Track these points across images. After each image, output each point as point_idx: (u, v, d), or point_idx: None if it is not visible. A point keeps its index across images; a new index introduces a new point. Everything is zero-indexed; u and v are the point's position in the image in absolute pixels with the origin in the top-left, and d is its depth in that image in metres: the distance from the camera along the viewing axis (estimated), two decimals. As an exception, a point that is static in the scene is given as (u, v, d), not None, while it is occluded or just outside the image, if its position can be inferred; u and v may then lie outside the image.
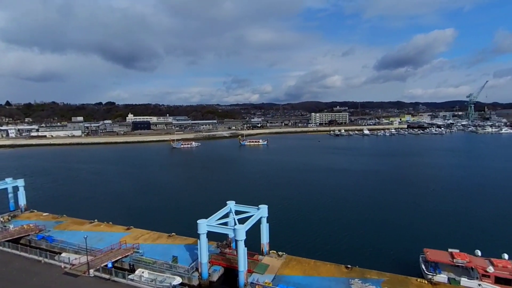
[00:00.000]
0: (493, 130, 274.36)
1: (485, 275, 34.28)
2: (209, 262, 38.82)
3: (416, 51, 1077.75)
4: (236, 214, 42.42)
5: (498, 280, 33.76)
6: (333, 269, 38.57)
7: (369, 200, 72.20)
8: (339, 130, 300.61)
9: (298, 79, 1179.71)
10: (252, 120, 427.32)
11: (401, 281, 35.48)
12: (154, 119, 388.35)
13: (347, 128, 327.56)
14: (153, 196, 79.55)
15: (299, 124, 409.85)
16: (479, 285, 34.17)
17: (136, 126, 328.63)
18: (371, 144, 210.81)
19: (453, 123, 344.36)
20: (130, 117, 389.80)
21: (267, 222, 43.10)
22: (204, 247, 37.12)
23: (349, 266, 38.53)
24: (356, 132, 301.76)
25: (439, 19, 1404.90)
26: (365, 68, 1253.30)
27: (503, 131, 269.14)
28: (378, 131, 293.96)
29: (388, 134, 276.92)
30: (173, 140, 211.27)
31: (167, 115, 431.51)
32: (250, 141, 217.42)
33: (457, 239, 46.49)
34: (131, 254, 42.66)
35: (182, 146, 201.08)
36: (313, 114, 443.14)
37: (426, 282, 35.32)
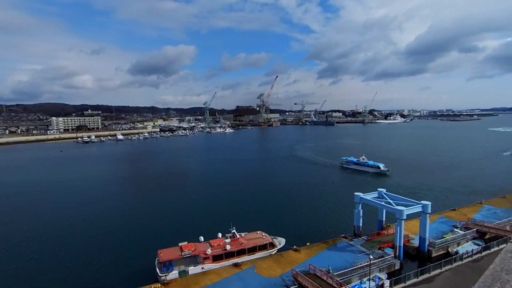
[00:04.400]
0: (221, 130, 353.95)
1: (206, 258, 39.56)
2: None
3: (167, 61, 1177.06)
4: None
5: (215, 258, 39.98)
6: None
7: (104, 212, 66.93)
8: (89, 137, 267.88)
9: (33, 74, 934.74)
10: None
11: (135, 295, 33.54)
12: None
13: (99, 133, 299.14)
14: None
15: (35, 131, 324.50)
16: (202, 268, 38.93)
17: None
18: (125, 148, 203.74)
19: (195, 126, 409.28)
20: None
21: None
22: None
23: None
24: (109, 137, 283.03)
25: (184, 36, 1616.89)
26: (118, 70, 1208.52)
27: (227, 130, 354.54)
28: (133, 136, 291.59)
29: (142, 138, 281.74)
30: None
31: None
32: None
33: (184, 232, 51.40)
34: None
35: None
36: (54, 118, 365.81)
37: (159, 285, 35.56)
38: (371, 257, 34.61)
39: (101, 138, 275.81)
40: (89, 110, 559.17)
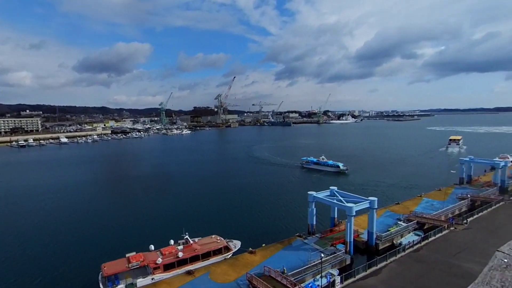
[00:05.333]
0: (178, 132, 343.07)
1: (156, 267, 37.20)
2: None
3: (119, 58, 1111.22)
4: None
5: (166, 267, 37.77)
6: None
7: (41, 224, 60.41)
8: (26, 140, 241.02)
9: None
10: None
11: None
12: None
13: (38, 136, 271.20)
14: None
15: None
16: (152, 279, 36.53)
17: None
18: (70, 153, 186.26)
19: (150, 127, 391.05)
20: None
21: None
22: None
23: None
24: (51, 140, 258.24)
25: (138, 33, 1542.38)
26: (63, 68, 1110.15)
27: (184, 132, 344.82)
28: (80, 138, 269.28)
29: (91, 140, 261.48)
30: None
31: None
32: None
33: (133, 241, 48.43)
34: None
35: None
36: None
37: (103, 302, 32.60)
38: (322, 255, 35.39)
39: (41, 141, 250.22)
40: (27, 111, 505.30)
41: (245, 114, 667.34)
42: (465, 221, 49.91)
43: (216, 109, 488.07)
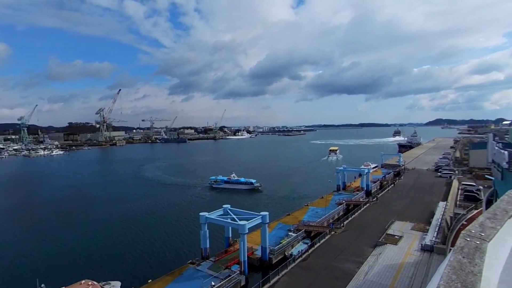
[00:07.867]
0: (46, 152, 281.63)
1: None
2: None
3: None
4: None
5: None
6: None
7: None
8: None
9: None
10: None
11: None
12: None
13: None
14: None
15: None
16: None
17: None
18: None
19: (4, 148, 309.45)
20: None
21: None
22: None
23: None
24: None
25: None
26: None
27: (54, 153, 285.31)
28: None
29: None
30: None
31: None
32: None
33: None
34: None
35: None
36: None
37: None
38: (213, 283, 32.46)
39: None
40: None
41: (134, 130, 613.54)
42: (342, 224, 55.99)
43: (98, 125, 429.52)
